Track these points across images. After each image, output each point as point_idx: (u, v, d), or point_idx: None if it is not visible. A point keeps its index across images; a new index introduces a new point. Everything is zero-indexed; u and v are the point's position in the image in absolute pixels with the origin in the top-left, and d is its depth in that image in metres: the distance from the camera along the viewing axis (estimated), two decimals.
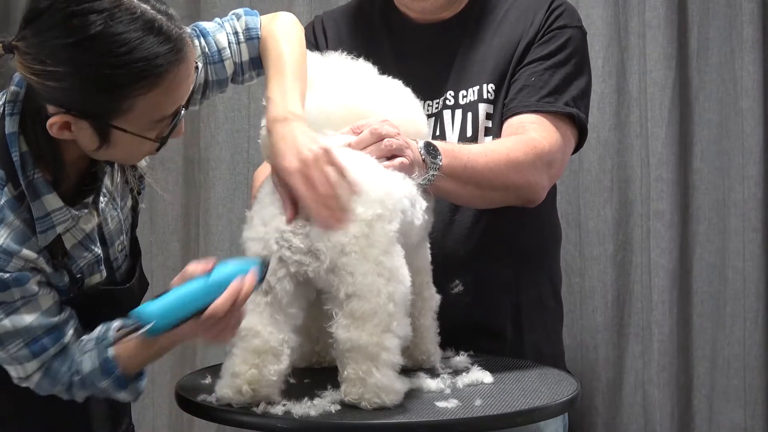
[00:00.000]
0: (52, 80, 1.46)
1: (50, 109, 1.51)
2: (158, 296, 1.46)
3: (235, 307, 1.48)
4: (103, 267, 1.67)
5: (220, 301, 1.47)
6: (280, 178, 1.58)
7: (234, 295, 1.47)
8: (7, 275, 1.52)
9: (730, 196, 2.55)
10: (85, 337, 1.62)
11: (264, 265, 1.52)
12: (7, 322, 1.54)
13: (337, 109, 1.68)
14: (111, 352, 1.59)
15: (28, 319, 1.55)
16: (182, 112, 1.55)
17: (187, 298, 1.47)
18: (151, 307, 1.44)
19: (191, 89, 1.57)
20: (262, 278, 1.52)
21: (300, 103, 1.63)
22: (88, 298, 1.65)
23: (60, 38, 1.45)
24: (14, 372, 1.60)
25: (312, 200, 1.53)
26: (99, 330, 1.62)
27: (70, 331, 1.61)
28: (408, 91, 1.77)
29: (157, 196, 2.65)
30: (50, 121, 1.50)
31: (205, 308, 1.47)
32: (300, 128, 1.58)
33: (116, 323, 1.62)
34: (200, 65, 1.62)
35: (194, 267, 1.49)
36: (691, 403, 2.59)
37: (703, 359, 2.58)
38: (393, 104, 1.73)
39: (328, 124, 1.67)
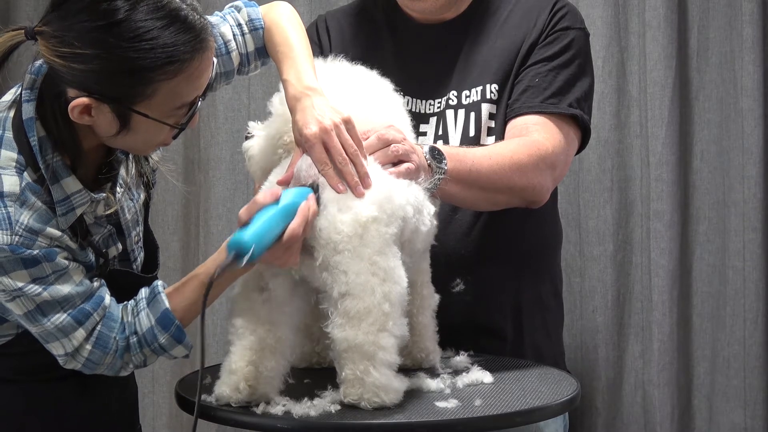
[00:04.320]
0: (78, 63, 1.50)
1: (72, 92, 1.54)
2: (244, 227, 1.49)
3: (307, 229, 1.52)
4: (118, 242, 1.70)
5: (297, 222, 1.51)
6: (300, 147, 1.60)
7: (306, 216, 1.51)
8: (36, 251, 1.54)
9: (730, 196, 2.55)
10: (130, 302, 1.65)
11: (315, 190, 1.55)
12: (46, 294, 1.56)
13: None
14: (167, 304, 1.62)
15: (64, 289, 1.58)
16: (199, 101, 1.58)
17: (271, 223, 1.50)
18: (247, 235, 1.47)
19: (209, 80, 1.59)
20: (318, 201, 1.56)
21: (315, 78, 1.66)
22: (115, 282, 1.66)
23: (89, 21, 1.49)
24: (61, 348, 1.60)
25: (327, 167, 1.56)
26: (144, 291, 1.65)
27: (107, 296, 1.63)
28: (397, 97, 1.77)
29: (158, 196, 2.65)
30: (72, 103, 1.53)
31: (282, 233, 1.51)
32: (320, 100, 1.62)
33: (161, 281, 1.66)
34: (214, 62, 1.64)
35: (263, 197, 1.53)
36: (691, 403, 2.59)
37: (703, 359, 2.58)
38: (382, 112, 1.72)
39: None
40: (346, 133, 1.59)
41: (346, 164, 1.56)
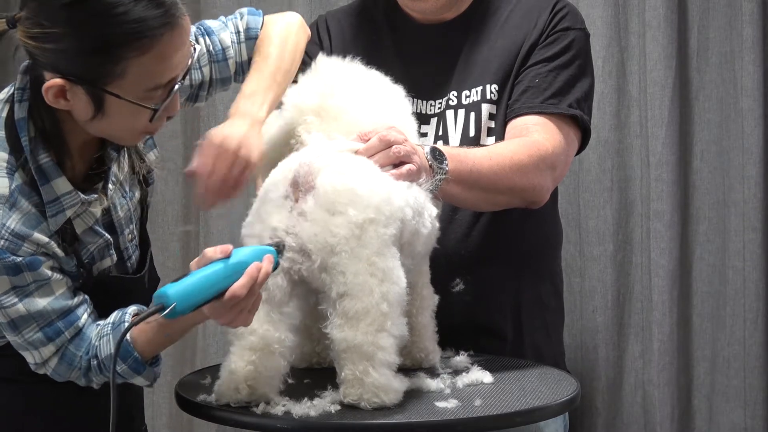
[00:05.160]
0: (49, 42, 1.49)
1: (48, 76, 1.53)
2: (178, 279, 1.45)
3: (254, 290, 1.47)
4: (113, 251, 1.69)
5: (240, 283, 1.45)
6: (204, 147, 1.63)
7: (253, 277, 1.46)
8: (20, 259, 1.54)
9: (730, 196, 2.55)
10: (101, 322, 1.64)
11: (279, 251, 1.52)
12: (21, 306, 1.56)
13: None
14: (128, 335, 1.60)
15: (41, 303, 1.57)
16: (177, 85, 1.56)
17: (208, 281, 1.46)
18: (173, 289, 1.43)
19: (188, 64, 1.58)
20: (277, 263, 1.52)
21: (266, 107, 1.68)
22: (100, 286, 1.66)
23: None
24: (31, 358, 1.61)
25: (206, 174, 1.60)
26: (115, 315, 1.64)
27: (84, 315, 1.62)
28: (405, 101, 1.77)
29: (158, 196, 2.65)
30: (46, 85, 1.52)
31: (225, 291, 1.46)
32: (251, 131, 1.64)
33: (132, 308, 1.64)
34: (196, 49, 1.64)
35: (213, 251, 1.48)
36: (691, 403, 2.59)
37: (703, 359, 2.58)
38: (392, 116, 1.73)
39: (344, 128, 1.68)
40: (237, 168, 1.61)
41: (216, 183, 1.61)
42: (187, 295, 1.44)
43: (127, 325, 1.60)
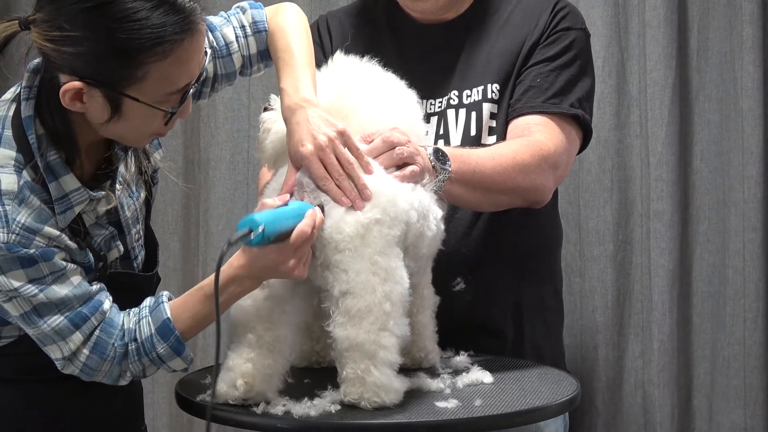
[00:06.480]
0: (68, 46, 1.49)
1: (64, 79, 1.53)
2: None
3: (314, 234, 1.54)
4: (119, 242, 1.70)
5: (306, 223, 1.53)
6: (294, 164, 1.60)
7: (314, 219, 1.54)
8: (33, 250, 1.54)
9: (730, 196, 2.55)
10: (134, 309, 1.64)
11: (322, 210, 1.57)
12: (42, 296, 1.56)
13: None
14: (168, 313, 1.61)
15: (61, 291, 1.57)
16: (192, 88, 1.57)
17: (283, 213, 1.53)
18: (259, 216, 1.50)
19: (201, 67, 1.59)
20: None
21: (313, 90, 1.66)
22: (114, 283, 1.66)
23: (78, 3, 1.48)
24: (58, 352, 1.60)
25: (328, 181, 1.57)
26: (148, 300, 1.64)
27: (107, 301, 1.62)
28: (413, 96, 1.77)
29: (158, 196, 2.64)
30: (64, 88, 1.52)
31: (290, 231, 1.52)
32: (314, 113, 1.62)
33: (166, 292, 1.65)
34: (208, 52, 1.64)
35: (271, 201, 1.56)
36: (691, 403, 2.59)
37: (703, 359, 2.58)
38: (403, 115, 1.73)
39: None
40: (341, 147, 1.59)
41: (344, 179, 1.57)
42: (272, 221, 1.51)
43: (165, 305, 1.61)
